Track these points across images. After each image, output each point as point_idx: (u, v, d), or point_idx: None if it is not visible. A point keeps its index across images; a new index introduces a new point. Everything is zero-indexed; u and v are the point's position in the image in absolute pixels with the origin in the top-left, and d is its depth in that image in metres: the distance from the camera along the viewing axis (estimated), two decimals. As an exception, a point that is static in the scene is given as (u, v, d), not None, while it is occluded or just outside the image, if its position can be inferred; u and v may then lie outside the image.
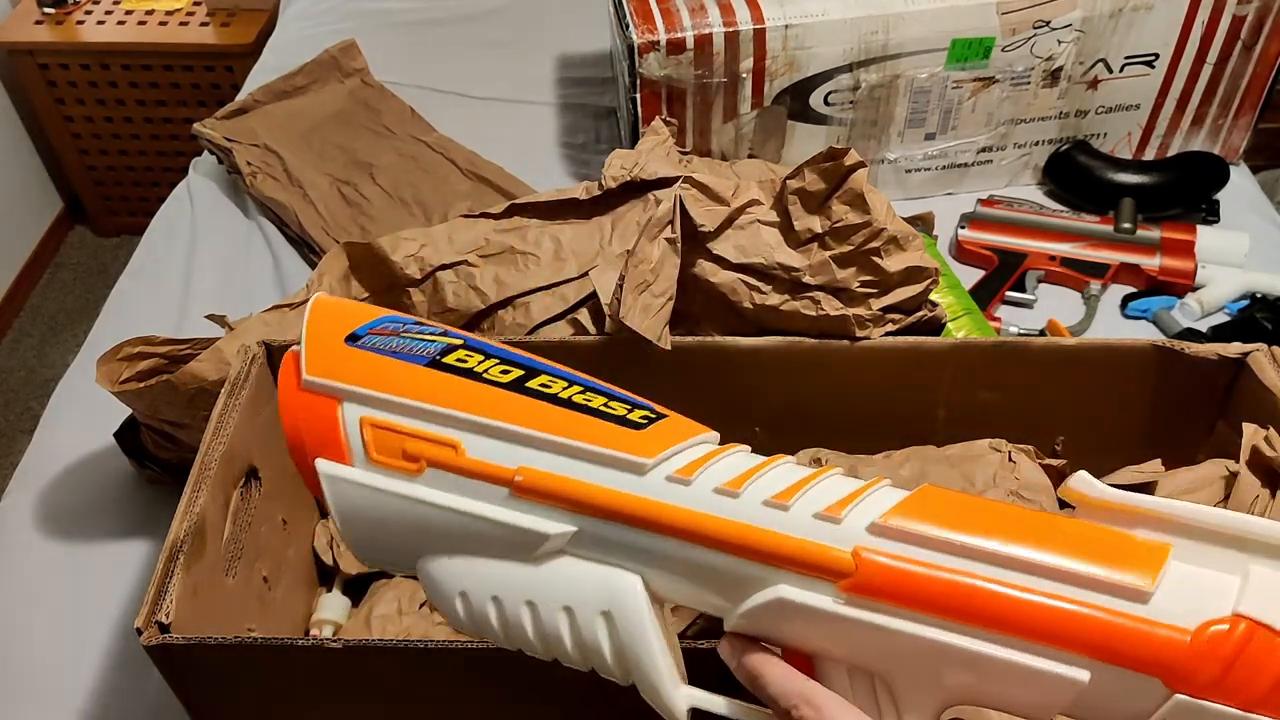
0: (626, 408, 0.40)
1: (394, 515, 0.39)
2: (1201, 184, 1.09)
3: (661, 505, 0.37)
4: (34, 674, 0.76)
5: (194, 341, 0.76)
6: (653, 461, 0.38)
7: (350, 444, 0.39)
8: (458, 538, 0.38)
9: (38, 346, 2.09)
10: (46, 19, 1.96)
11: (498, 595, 0.39)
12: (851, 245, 0.72)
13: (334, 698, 0.60)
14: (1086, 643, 0.34)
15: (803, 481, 0.37)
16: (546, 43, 1.44)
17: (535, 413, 0.38)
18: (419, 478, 0.38)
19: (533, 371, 0.40)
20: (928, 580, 0.35)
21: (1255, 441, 0.64)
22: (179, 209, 1.21)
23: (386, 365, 0.39)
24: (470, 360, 0.40)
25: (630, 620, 0.38)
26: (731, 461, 0.39)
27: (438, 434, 0.38)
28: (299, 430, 0.39)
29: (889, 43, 1.01)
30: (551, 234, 0.80)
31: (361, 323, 0.41)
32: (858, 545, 0.36)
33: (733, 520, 0.37)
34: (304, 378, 0.39)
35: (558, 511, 0.38)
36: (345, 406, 0.39)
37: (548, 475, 0.38)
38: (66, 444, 0.92)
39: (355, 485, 0.39)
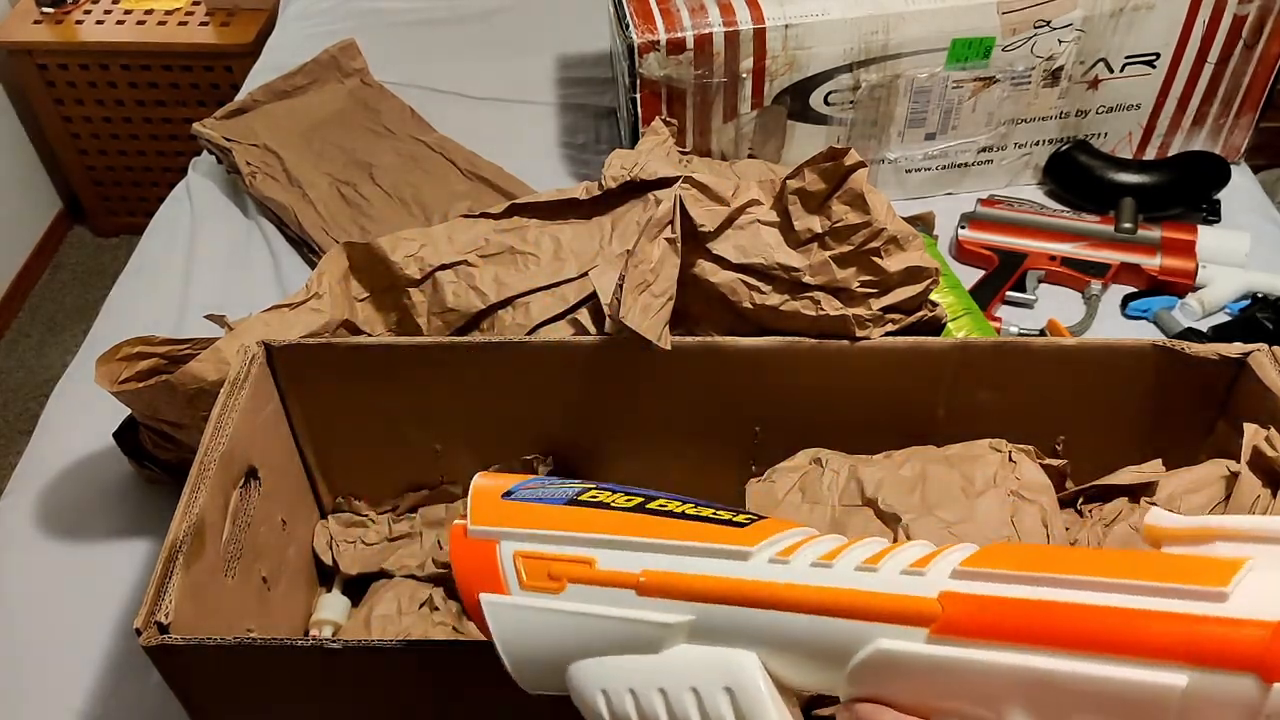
0: (731, 513, 0.44)
1: (543, 629, 0.44)
2: (1202, 184, 1.09)
3: (766, 584, 0.41)
4: (34, 674, 0.76)
5: (193, 341, 0.76)
6: (755, 548, 0.42)
7: (506, 575, 0.45)
8: (595, 640, 0.43)
9: (37, 346, 2.09)
10: (45, 19, 1.96)
11: (633, 687, 0.43)
12: (851, 245, 0.72)
13: (334, 698, 0.60)
14: (1173, 648, 0.34)
15: (890, 548, 0.41)
16: (546, 43, 1.44)
17: (654, 526, 0.44)
18: (562, 593, 0.44)
19: (651, 498, 0.46)
20: (1009, 609, 0.37)
21: (1256, 442, 0.64)
22: (178, 209, 1.21)
23: (533, 509, 0.46)
24: (600, 495, 0.46)
25: (750, 693, 0.41)
26: (825, 542, 0.42)
27: (576, 554, 0.44)
28: (466, 572, 0.46)
29: (889, 43, 1.01)
30: (551, 234, 0.80)
31: (514, 483, 0.48)
32: (943, 590, 0.38)
33: (830, 586, 0.40)
34: (469, 528, 0.46)
35: (676, 603, 0.42)
36: (502, 545, 0.45)
37: (665, 573, 0.42)
38: (66, 444, 0.92)
39: (512, 608, 0.45)
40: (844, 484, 0.69)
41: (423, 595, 0.76)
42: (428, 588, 0.77)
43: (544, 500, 0.46)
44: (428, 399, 0.74)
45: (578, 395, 0.75)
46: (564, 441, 0.78)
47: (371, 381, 0.73)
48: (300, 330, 0.74)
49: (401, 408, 0.75)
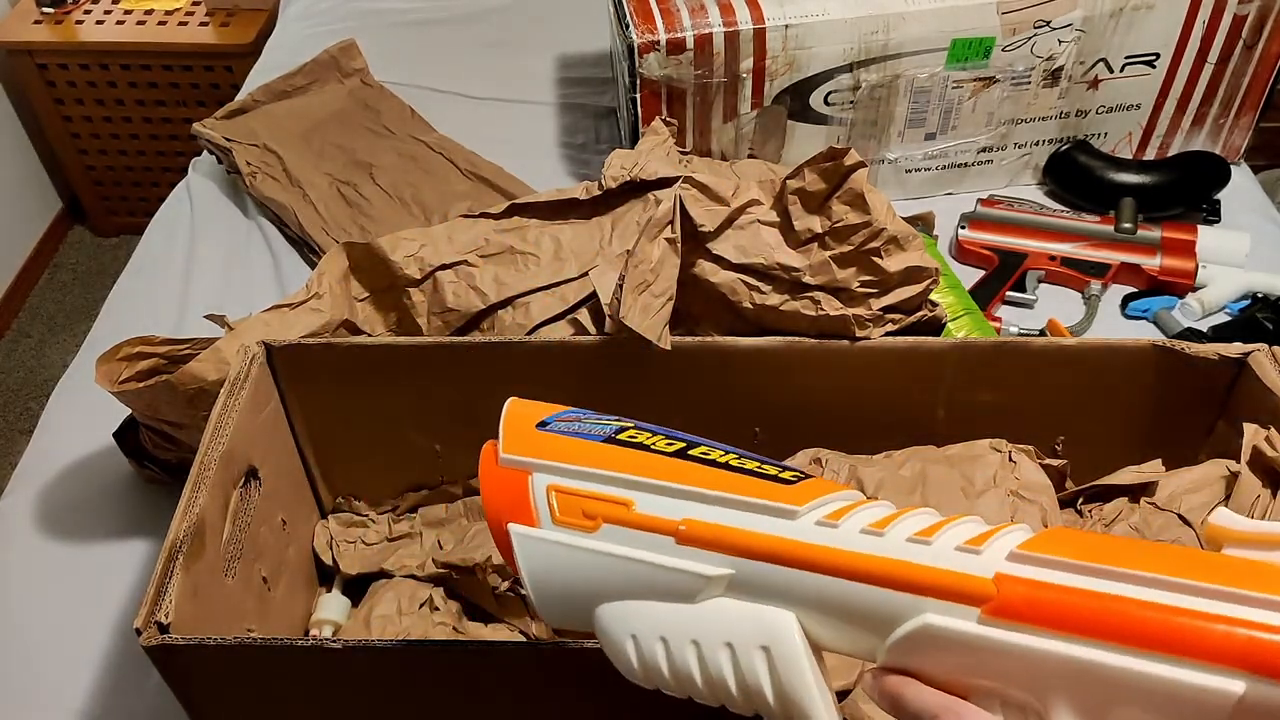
0: (778, 469, 0.44)
1: (573, 567, 0.43)
2: (1202, 184, 1.09)
3: (813, 546, 0.40)
4: (34, 674, 0.76)
5: (193, 341, 0.76)
6: (803, 509, 0.41)
7: (538, 508, 0.44)
8: (628, 584, 0.43)
9: (37, 347, 2.09)
10: (45, 19, 1.96)
11: (665, 636, 0.42)
12: (851, 245, 0.72)
13: (334, 698, 0.60)
14: (1234, 653, 0.33)
15: (944, 522, 0.40)
16: (546, 43, 1.43)
17: (697, 473, 0.43)
18: (596, 533, 0.43)
19: (694, 444, 0.45)
20: (1067, 598, 0.36)
21: (1256, 441, 0.64)
22: (178, 209, 1.21)
23: (569, 442, 0.45)
24: (640, 436, 0.45)
25: (787, 652, 0.40)
26: (875, 509, 0.42)
27: (613, 494, 0.43)
28: (495, 500, 0.45)
29: (889, 43, 1.01)
30: (551, 234, 0.80)
31: (550, 413, 0.47)
32: (999, 571, 0.37)
33: (880, 555, 0.39)
34: (501, 455, 0.45)
35: (717, 555, 0.42)
36: (535, 477, 0.44)
37: (707, 524, 0.42)
38: (66, 444, 0.92)
39: (542, 542, 0.44)
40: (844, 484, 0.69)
41: (423, 595, 0.76)
42: (428, 588, 0.77)
43: (581, 435, 0.45)
44: (428, 399, 0.74)
45: (578, 395, 0.74)
46: (564, 441, 0.78)
47: (371, 381, 0.73)
48: (300, 330, 0.74)
49: (401, 408, 0.75)
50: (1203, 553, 0.37)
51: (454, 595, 0.77)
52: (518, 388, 0.75)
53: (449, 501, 0.81)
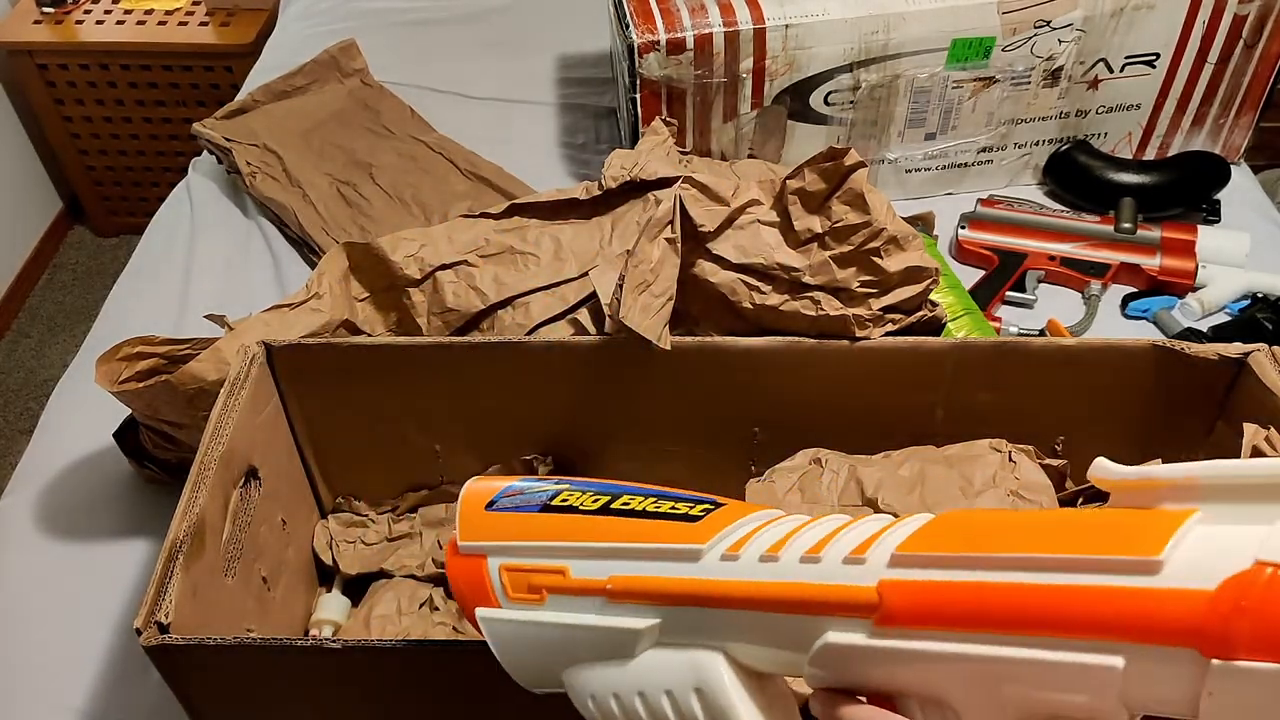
0: (689, 505, 0.45)
1: (532, 640, 0.45)
2: (1202, 184, 1.09)
3: (716, 582, 0.41)
4: (34, 674, 0.76)
5: (193, 341, 0.76)
6: (706, 546, 0.42)
7: (495, 589, 0.46)
8: (578, 648, 0.44)
9: (37, 347, 2.09)
10: (45, 19, 1.96)
11: (616, 692, 0.44)
12: (851, 245, 0.72)
13: (334, 698, 0.60)
14: (1108, 625, 0.33)
15: (835, 532, 0.40)
16: (546, 43, 1.43)
17: (618, 528, 0.44)
18: (543, 605, 0.45)
19: (616, 495, 0.46)
20: (943, 596, 0.36)
21: (1256, 442, 0.64)
22: (178, 209, 1.21)
23: (513, 519, 0.47)
24: (570, 498, 0.46)
25: (717, 692, 0.41)
26: (778, 529, 0.42)
27: (550, 565, 0.45)
28: (461, 588, 0.48)
29: (889, 43, 1.01)
30: (551, 234, 0.80)
31: (499, 489, 0.49)
32: (881, 579, 0.38)
33: (775, 582, 0.40)
34: (459, 544, 0.48)
35: (642, 607, 0.43)
36: (489, 560, 0.47)
37: (630, 578, 0.43)
38: (66, 444, 0.92)
39: (502, 622, 0.46)
40: (844, 484, 0.69)
41: (423, 595, 0.76)
42: (428, 588, 0.77)
43: (521, 509, 0.47)
44: (428, 399, 0.74)
45: (578, 395, 0.75)
46: (564, 441, 0.78)
47: (372, 381, 0.73)
48: (300, 330, 0.74)
49: (401, 408, 0.75)
50: (1075, 515, 0.37)
51: (454, 595, 0.77)
52: (518, 388, 0.75)
53: (449, 501, 0.81)
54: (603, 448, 0.78)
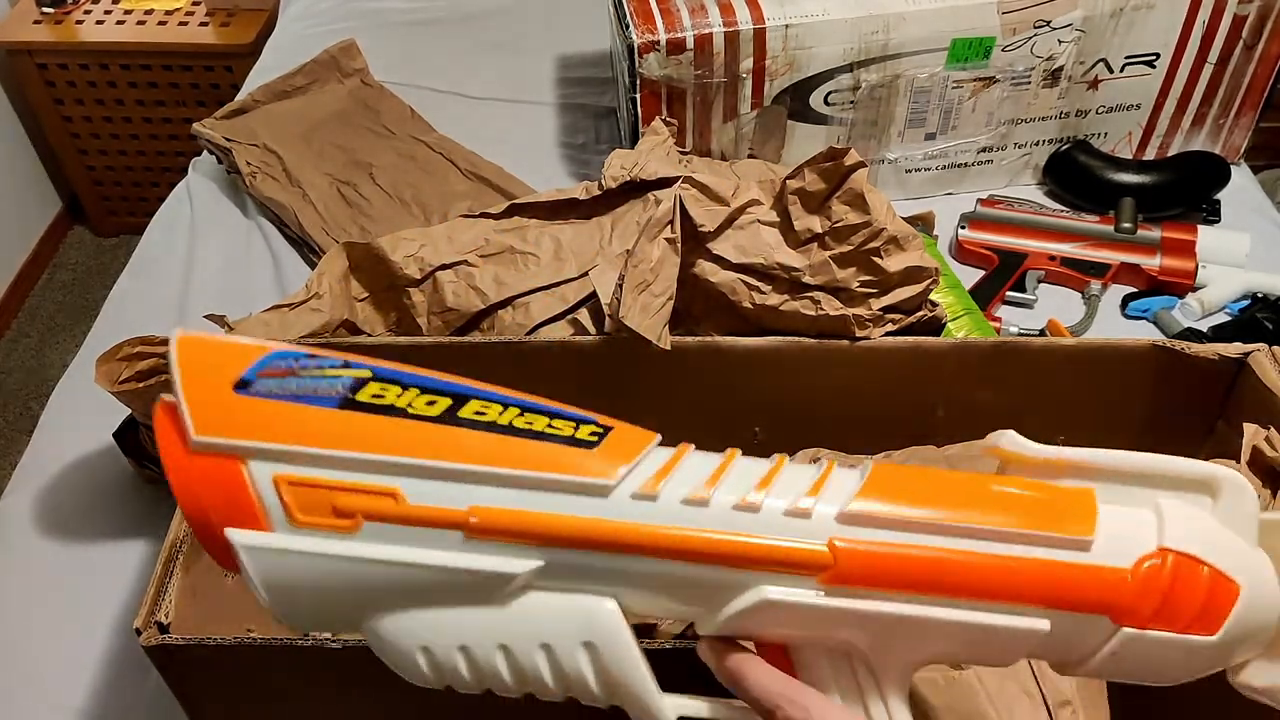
0: (572, 425, 0.38)
1: (331, 579, 0.35)
2: (1202, 184, 1.09)
3: (632, 526, 0.36)
4: (34, 674, 0.76)
5: (193, 341, 0.76)
6: (615, 481, 0.36)
7: (267, 508, 0.34)
8: (410, 592, 0.36)
9: (37, 347, 2.09)
10: (45, 19, 1.96)
11: (466, 644, 0.37)
12: (851, 245, 0.72)
13: (334, 697, 0.59)
14: (1042, 595, 0.37)
15: (766, 479, 0.38)
16: (546, 43, 1.43)
17: (477, 445, 0.36)
18: (356, 534, 0.35)
19: (461, 398, 0.37)
20: (899, 561, 0.37)
21: (1256, 441, 0.64)
22: (179, 209, 1.21)
23: (292, 412, 0.35)
24: (388, 394, 0.36)
25: (615, 647, 0.37)
26: (691, 467, 0.38)
27: (371, 484, 0.35)
28: (198, 500, 0.35)
29: (889, 43, 1.01)
30: (551, 234, 0.80)
31: (247, 364, 0.35)
32: (831, 537, 0.37)
33: (707, 531, 0.37)
34: (193, 439, 0.34)
35: (520, 548, 0.36)
36: (252, 466, 0.34)
37: (505, 512, 0.35)
38: (66, 444, 0.92)
39: (281, 553, 0.35)
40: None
41: (423, 595, 0.76)
42: (428, 588, 0.77)
43: (305, 399, 0.35)
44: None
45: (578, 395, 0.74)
46: (564, 441, 0.78)
47: (371, 381, 0.73)
48: (300, 330, 0.74)
49: (401, 408, 0.75)
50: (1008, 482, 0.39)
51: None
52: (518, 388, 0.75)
53: (449, 501, 0.81)
54: (603, 448, 0.78)
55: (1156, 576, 0.37)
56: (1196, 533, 0.38)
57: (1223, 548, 0.38)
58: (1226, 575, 0.37)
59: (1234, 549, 0.38)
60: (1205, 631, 0.37)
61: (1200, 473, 0.40)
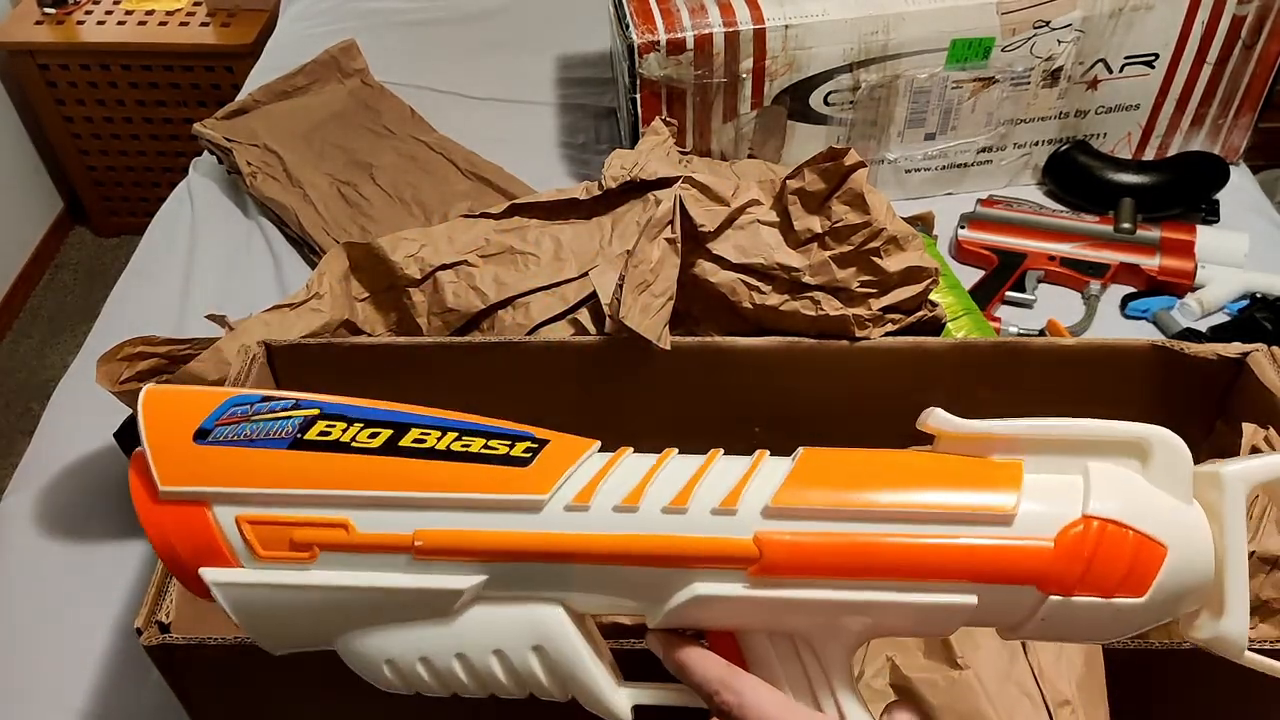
0: (507, 444, 0.40)
1: (296, 605, 0.39)
2: (1201, 184, 1.09)
3: (565, 536, 0.38)
4: (34, 674, 0.76)
5: (194, 341, 0.76)
6: (547, 496, 0.38)
7: (232, 546, 0.38)
8: (368, 612, 0.39)
9: (38, 347, 2.09)
10: (46, 19, 1.96)
11: (425, 656, 0.39)
12: (851, 245, 0.72)
13: (334, 698, 0.60)
14: (970, 572, 0.38)
15: (695, 478, 0.39)
16: (546, 43, 1.44)
17: (417, 473, 0.38)
18: (313, 564, 0.38)
19: (402, 427, 0.40)
20: (824, 550, 0.38)
21: (1255, 441, 0.64)
22: (179, 209, 1.21)
23: (247, 457, 0.38)
24: (334, 431, 0.39)
25: (561, 648, 0.39)
26: (624, 473, 0.40)
27: (323, 517, 0.38)
28: (170, 544, 0.38)
29: (889, 43, 1.01)
30: (551, 234, 0.80)
31: (205, 414, 0.39)
32: (757, 532, 0.38)
33: (637, 535, 0.38)
34: (160, 489, 0.38)
35: (464, 565, 0.38)
36: (216, 510, 0.38)
37: (446, 533, 0.38)
38: (66, 444, 0.92)
39: (249, 587, 0.38)
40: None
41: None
42: (428, 587, 0.77)
43: (258, 444, 0.39)
44: (428, 399, 0.74)
45: (578, 395, 0.75)
46: (564, 441, 0.78)
47: (372, 381, 0.73)
48: (301, 330, 0.75)
49: (402, 408, 0.75)
50: (933, 460, 0.40)
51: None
52: (518, 388, 0.75)
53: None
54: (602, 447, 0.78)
55: (1079, 544, 0.37)
56: (1121, 497, 0.38)
57: (1149, 510, 0.38)
58: (1152, 538, 0.37)
59: (1162, 511, 0.38)
60: (1133, 594, 0.37)
61: (1131, 434, 0.40)
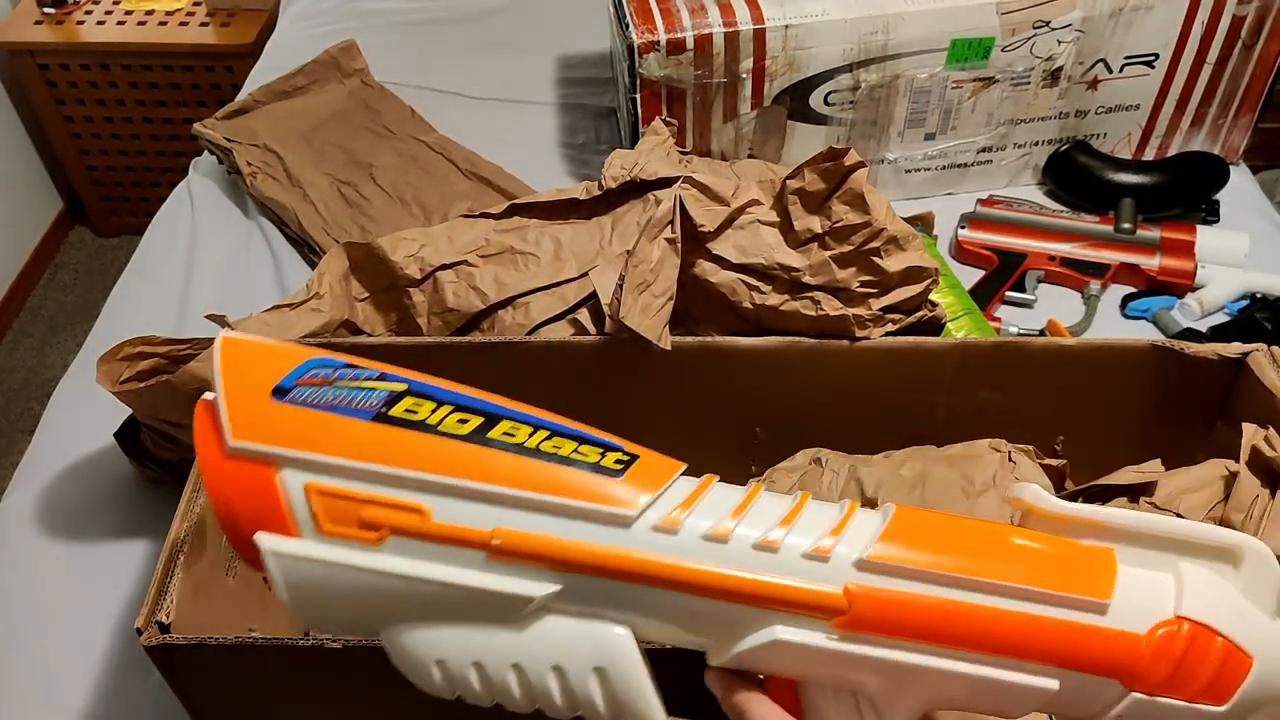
0: (599, 452, 0.38)
1: (353, 588, 0.36)
2: (1201, 184, 1.09)
3: (651, 559, 0.37)
4: (34, 674, 0.76)
5: (194, 341, 0.76)
6: (636, 513, 0.37)
7: (296, 515, 0.35)
8: (429, 607, 0.36)
9: (38, 347, 2.09)
10: (46, 19, 1.96)
11: (480, 661, 0.37)
12: (851, 245, 0.72)
13: (334, 698, 0.60)
14: (1055, 656, 0.37)
15: (787, 518, 0.38)
16: (546, 43, 1.44)
17: (504, 467, 0.36)
18: (380, 547, 0.35)
19: (492, 418, 0.37)
20: (915, 610, 0.37)
21: (1255, 441, 0.64)
22: (179, 209, 1.21)
23: (327, 423, 0.36)
24: (421, 410, 0.37)
25: (626, 674, 0.37)
26: (713, 502, 0.38)
27: (399, 499, 0.35)
28: (229, 501, 0.36)
29: (889, 43, 1.01)
30: (551, 234, 0.80)
31: (286, 370, 0.37)
32: (848, 583, 0.37)
33: (725, 569, 0.37)
34: (230, 443, 0.35)
35: (540, 571, 0.36)
36: (285, 473, 0.35)
37: (528, 536, 0.36)
38: (67, 444, 0.92)
39: (307, 561, 0.35)
40: (844, 484, 0.69)
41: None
42: (428, 587, 0.77)
43: (340, 411, 0.36)
44: (428, 399, 0.74)
45: (578, 395, 0.75)
46: (564, 441, 0.78)
47: (372, 381, 0.73)
48: (301, 330, 0.75)
49: (402, 408, 0.75)
50: (1027, 536, 0.39)
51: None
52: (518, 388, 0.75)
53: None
54: (603, 448, 0.78)
55: (1170, 644, 0.36)
56: (1215, 602, 0.37)
57: (1240, 619, 0.37)
58: (1241, 648, 0.36)
59: (1251, 621, 0.37)
60: (1215, 702, 0.36)
61: (1223, 540, 0.38)
